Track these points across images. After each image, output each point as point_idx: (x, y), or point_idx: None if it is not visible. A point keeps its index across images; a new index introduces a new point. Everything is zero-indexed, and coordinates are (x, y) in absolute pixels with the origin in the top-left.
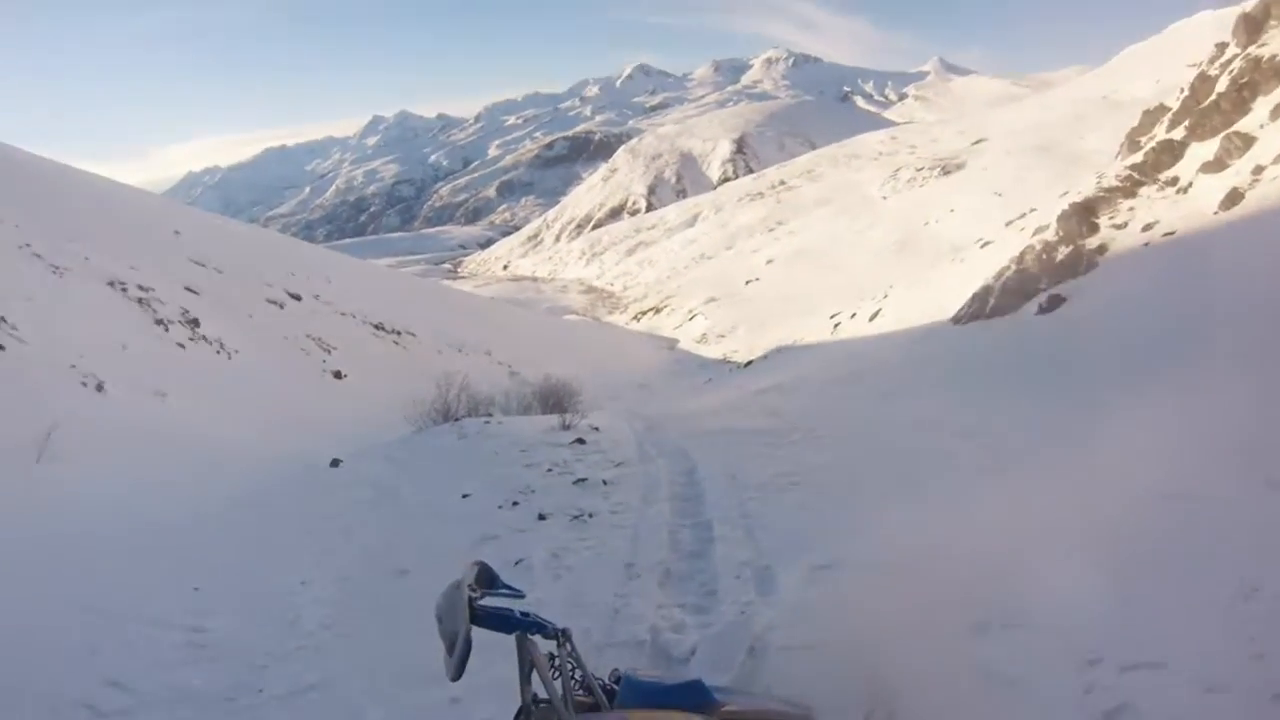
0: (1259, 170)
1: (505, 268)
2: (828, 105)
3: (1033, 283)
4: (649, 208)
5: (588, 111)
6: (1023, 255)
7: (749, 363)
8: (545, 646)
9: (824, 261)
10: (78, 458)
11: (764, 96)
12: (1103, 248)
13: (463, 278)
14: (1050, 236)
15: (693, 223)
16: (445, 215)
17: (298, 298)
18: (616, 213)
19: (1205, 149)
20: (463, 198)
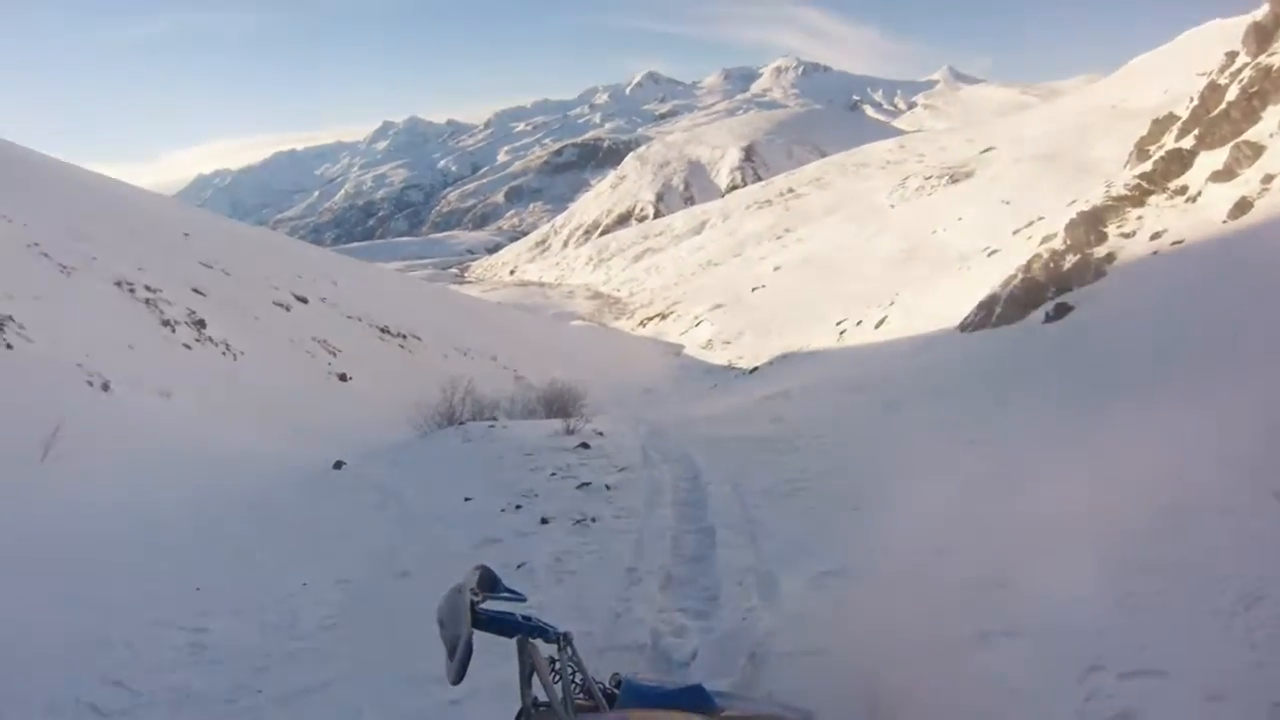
0: (1268, 179)
1: (512, 273)
2: (837, 114)
3: (1040, 291)
4: (657, 214)
5: (597, 119)
6: (1030, 264)
7: (754, 369)
8: (546, 650)
9: (831, 269)
10: (83, 457)
11: (773, 105)
12: (1111, 256)
13: (470, 282)
14: (1058, 245)
15: (700, 230)
16: (453, 220)
17: (304, 300)
18: (624, 219)
19: (1214, 158)
20: (471, 203)
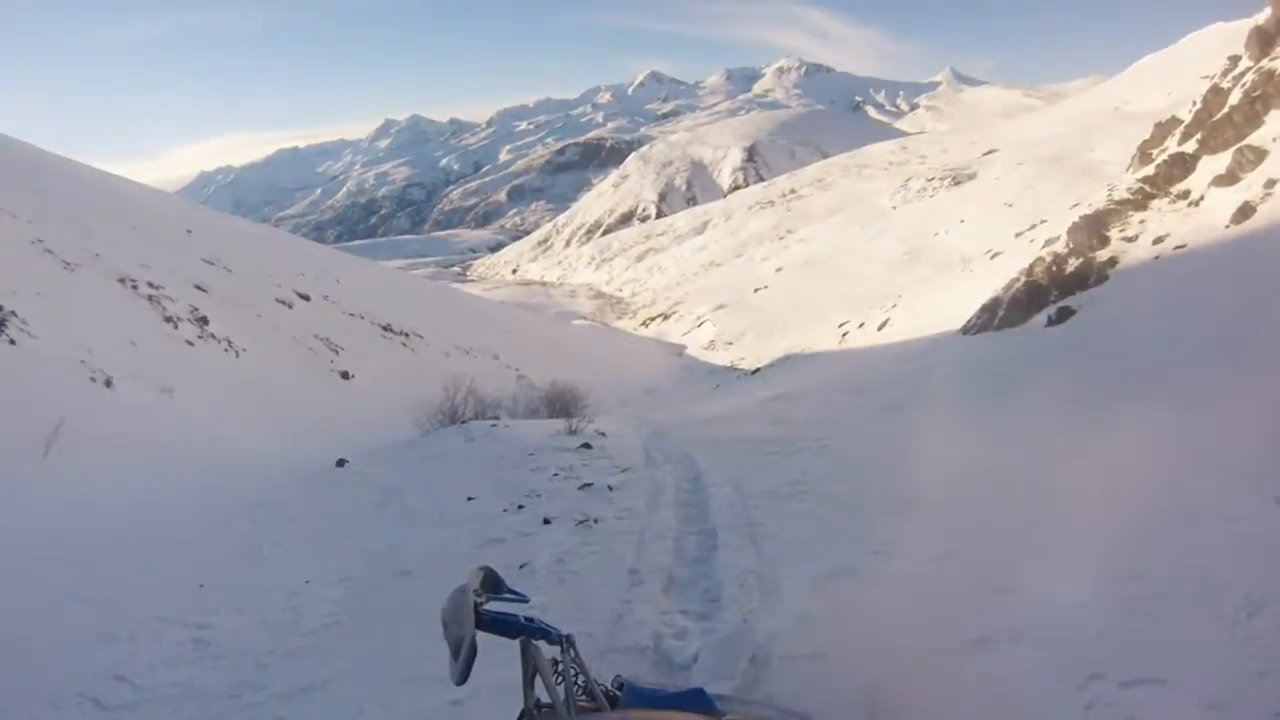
0: (1271, 184)
1: (514, 272)
2: (839, 115)
3: (1042, 294)
4: (659, 214)
5: (599, 118)
6: (1032, 267)
7: (756, 370)
8: (549, 652)
9: (833, 270)
10: (85, 452)
11: (776, 105)
12: (1113, 260)
13: (472, 281)
14: (1060, 248)
15: (703, 230)
16: (455, 219)
17: (307, 298)
18: (627, 219)
19: (1217, 162)
20: (473, 202)
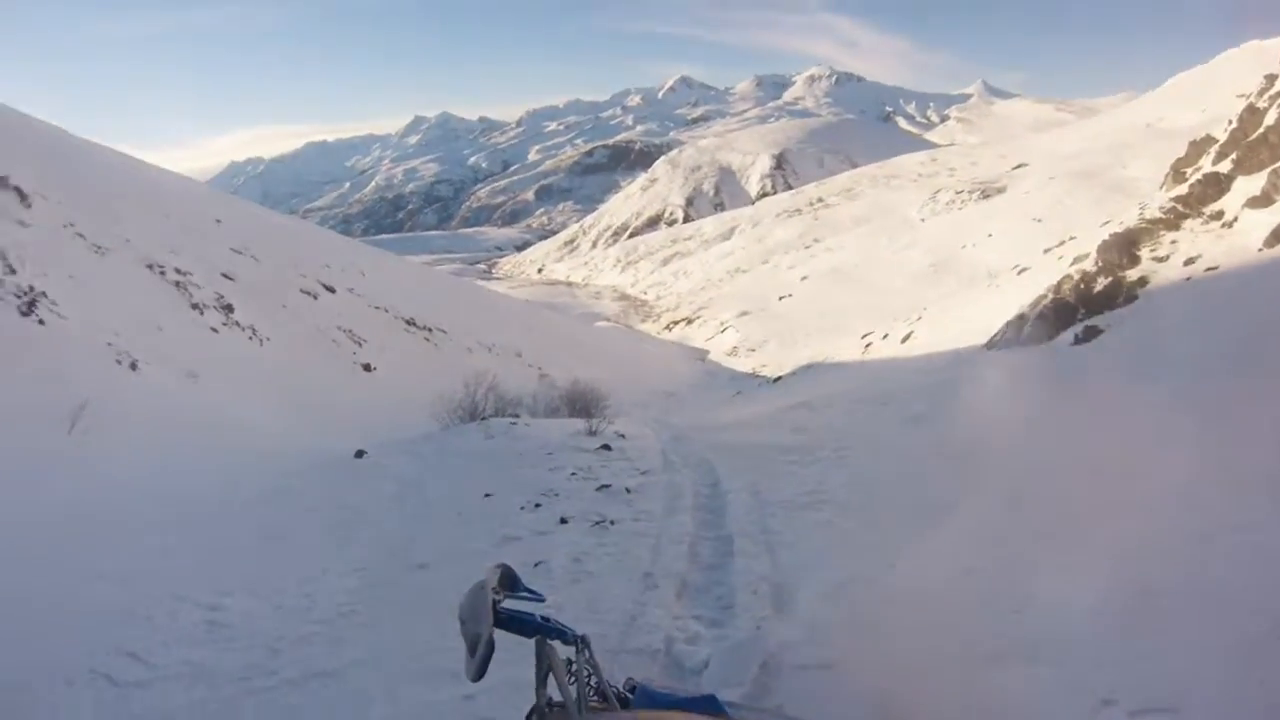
0: None
1: (540, 271)
2: (869, 124)
3: (1070, 312)
4: (686, 219)
5: (629, 121)
6: (1060, 284)
7: (778, 378)
8: (564, 652)
9: (858, 280)
10: (108, 433)
11: (805, 113)
12: (1143, 280)
13: (497, 279)
14: (1089, 266)
15: (729, 236)
16: (482, 216)
17: (332, 290)
18: (654, 222)
19: (1252, 183)
20: (500, 200)
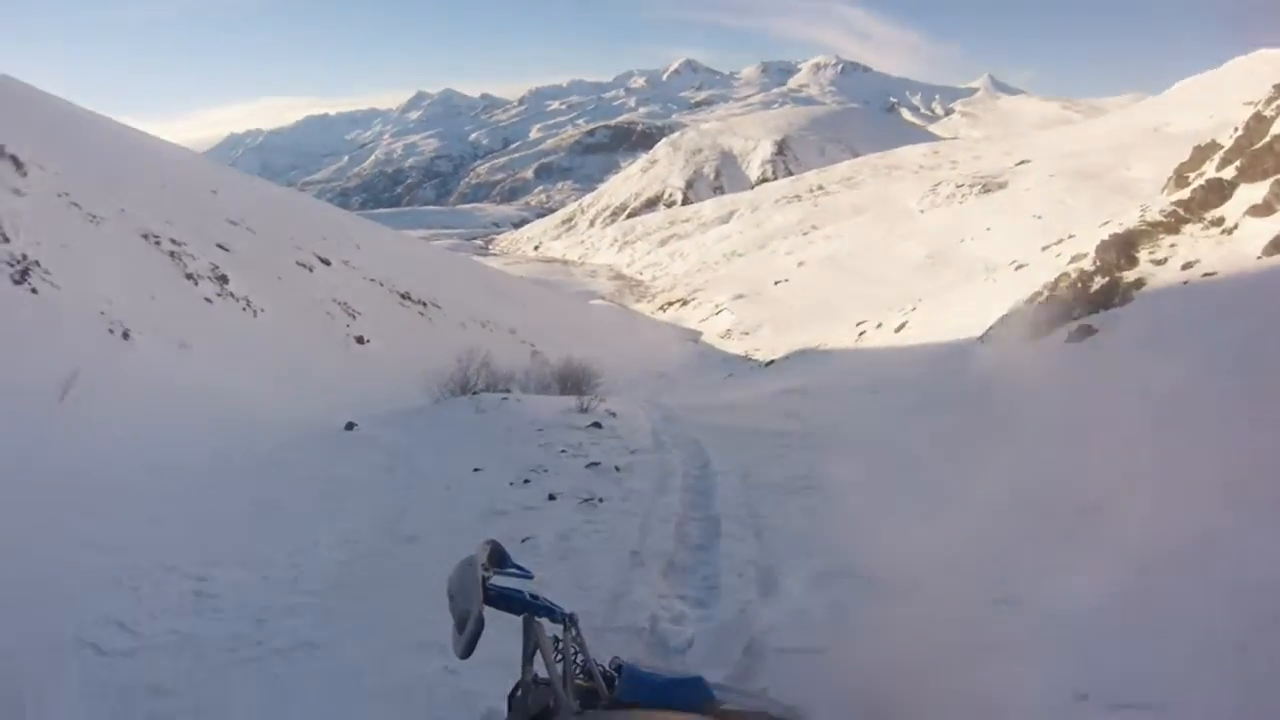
0: None
1: (536, 248)
2: (873, 114)
3: (1065, 310)
4: (685, 201)
5: (632, 102)
6: (1057, 282)
7: (771, 362)
8: (551, 630)
9: (855, 269)
10: (100, 402)
11: (809, 101)
12: (1140, 282)
13: (494, 255)
14: (1087, 265)
15: (728, 219)
16: (481, 193)
17: (327, 262)
18: (652, 204)
19: (1254, 192)
20: (500, 177)
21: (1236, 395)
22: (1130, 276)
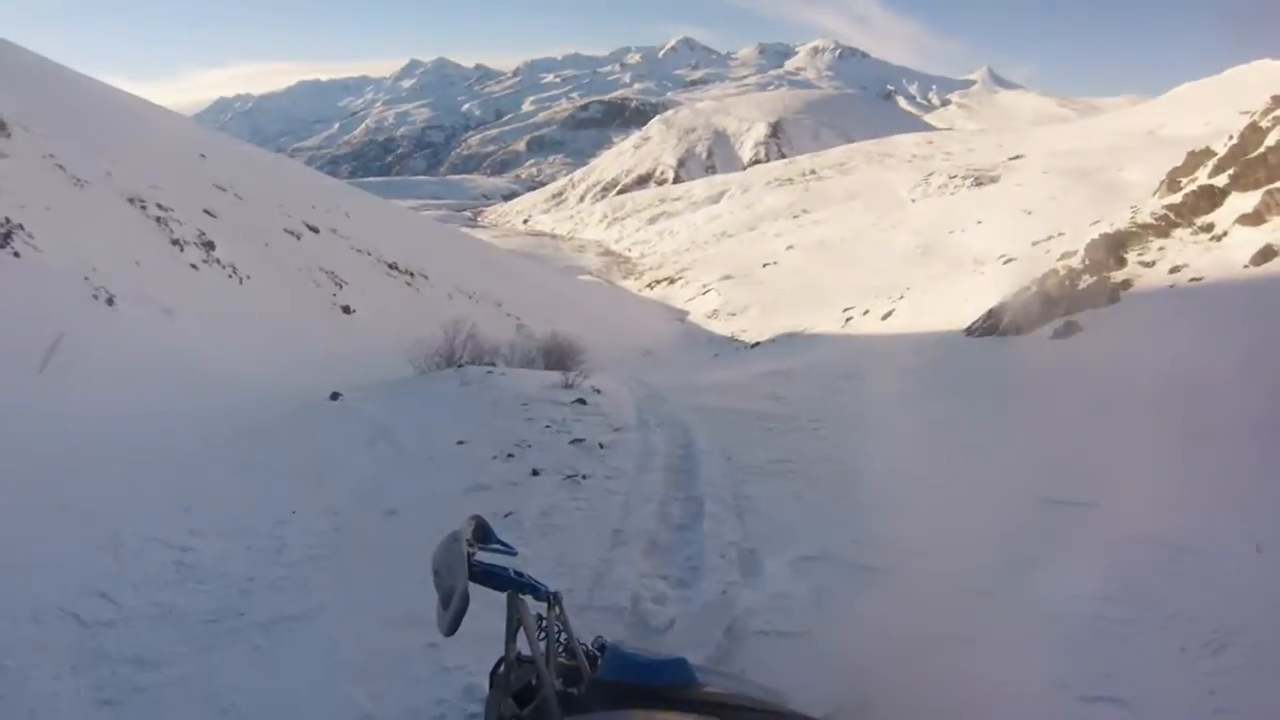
0: None
1: (525, 221)
2: (869, 101)
3: (1051, 307)
4: (676, 179)
5: (627, 78)
6: (1045, 278)
7: (756, 344)
8: (535, 607)
9: (844, 255)
10: (83, 368)
11: (805, 84)
12: (1127, 283)
13: (482, 227)
14: (1076, 263)
15: (718, 199)
16: (472, 164)
17: (315, 230)
18: (644, 181)
19: (1245, 200)
20: (491, 149)
21: (1215, 401)
22: (1118, 277)
